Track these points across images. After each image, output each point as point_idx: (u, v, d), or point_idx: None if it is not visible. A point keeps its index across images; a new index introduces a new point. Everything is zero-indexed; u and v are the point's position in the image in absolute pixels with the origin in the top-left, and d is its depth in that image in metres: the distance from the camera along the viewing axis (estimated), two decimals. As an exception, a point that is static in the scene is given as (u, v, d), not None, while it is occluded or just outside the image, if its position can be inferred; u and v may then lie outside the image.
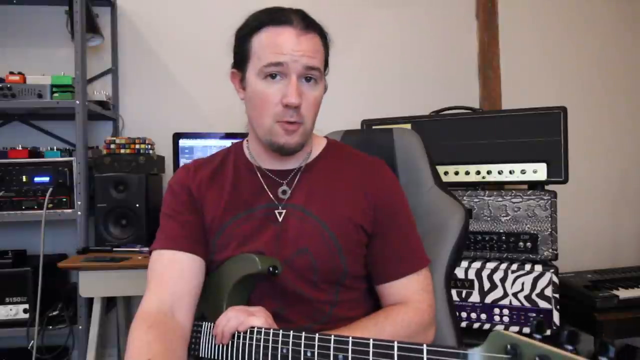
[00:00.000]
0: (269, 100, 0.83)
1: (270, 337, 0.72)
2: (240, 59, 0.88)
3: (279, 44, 0.81)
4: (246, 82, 0.88)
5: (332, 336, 0.65)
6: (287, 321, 0.85)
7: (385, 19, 2.37)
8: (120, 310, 2.07)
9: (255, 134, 0.91)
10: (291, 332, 0.70)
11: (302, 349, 0.67)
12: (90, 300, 1.72)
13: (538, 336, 0.48)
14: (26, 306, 1.76)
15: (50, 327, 1.76)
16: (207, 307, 0.89)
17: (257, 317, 0.77)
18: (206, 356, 0.83)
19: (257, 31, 0.84)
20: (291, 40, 0.82)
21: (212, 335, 0.81)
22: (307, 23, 0.85)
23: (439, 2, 2.39)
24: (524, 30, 2.41)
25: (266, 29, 0.84)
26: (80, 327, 1.77)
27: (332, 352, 0.63)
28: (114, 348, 2.19)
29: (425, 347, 0.55)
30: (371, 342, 0.61)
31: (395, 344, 0.58)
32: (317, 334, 0.67)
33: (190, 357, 0.85)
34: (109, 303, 1.96)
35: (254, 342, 0.74)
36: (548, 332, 1.62)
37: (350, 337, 0.63)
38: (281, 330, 0.72)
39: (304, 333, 0.68)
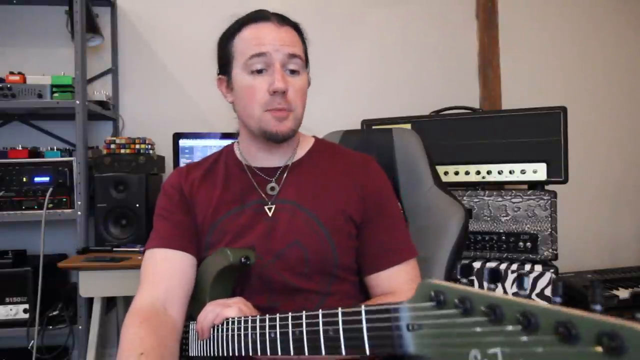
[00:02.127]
0: (257, 91, 0.87)
1: (242, 325, 0.73)
2: (225, 62, 0.93)
3: (261, 37, 0.87)
4: (233, 81, 0.91)
5: (289, 313, 0.66)
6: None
7: (385, 18, 2.38)
8: (120, 310, 2.08)
9: (246, 130, 0.95)
10: (257, 317, 0.72)
11: (267, 330, 0.69)
12: (90, 300, 1.72)
13: (464, 280, 0.48)
14: (26, 306, 1.76)
15: (50, 327, 1.76)
16: (193, 306, 0.90)
17: (231, 308, 0.78)
18: (195, 355, 0.84)
19: (239, 31, 0.90)
20: (271, 32, 0.87)
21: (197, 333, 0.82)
22: (283, 18, 0.91)
23: (439, 1, 2.39)
24: (524, 30, 2.41)
25: (247, 27, 0.89)
26: (80, 327, 1.77)
27: (290, 329, 0.65)
28: (113, 348, 2.19)
29: (363, 308, 0.56)
30: (320, 312, 0.62)
31: (340, 310, 0.59)
32: (277, 314, 0.68)
33: (182, 358, 0.86)
34: (109, 303, 1.96)
35: (230, 333, 0.75)
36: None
37: (304, 312, 0.65)
38: (250, 317, 0.73)
39: (267, 315, 0.70)
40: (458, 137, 1.84)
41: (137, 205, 1.81)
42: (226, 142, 1.07)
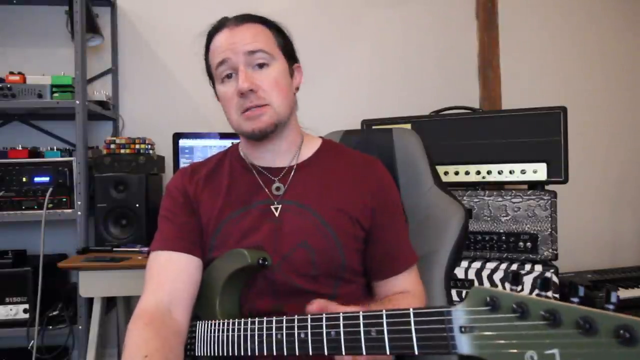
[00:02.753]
0: (229, 97, 0.89)
1: (264, 325, 0.73)
2: (210, 77, 0.96)
3: (218, 45, 0.90)
4: (217, 94, 0.94)
5: (324, 314, 0.67)
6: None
7: (385, 18, 2.38)
8: (120, 310, 2.08)
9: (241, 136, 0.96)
10: (284, 317, 0.71)
11: (296, 331, 0.69)
12: (90, 300, 1.72)
13: (515, 287, 0.50)
14: (26, 306, 1.76)
15: (50, 327, 1.76)
16: (200, 307, 0.89)
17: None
18: (202, 354, 0.83)
19: (208, 47, 0.93)
20: (226, 37, 0.89)
21: (207, 333, 0.82)
22: (241, 18, 0.91)
23: (439, 1, 2.39)
24: (524, 30, 2.42)
25: (212, 40, 0.92)
26: (80, 327, 1.77)
27: (324, 330, 0.66)
28: (113, 348, 2.19)
29: (412, 311, 0.57)
30: (361, 314, 0.63)
31: (384, 312, 0.60)
32: (309, 315, 0.68)
33: (187, 358, 0.85)
34: (109, 303, 1.96)
35: (248, 333, 0.74)
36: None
37: (341, 313, 0.65)
38: (274, 318, 0.73)
39: (296, 316, 0.69)
40: (458, 137, 1.84)
41: (137, 205, 1.81)
42: (226, 142, 1.07)
